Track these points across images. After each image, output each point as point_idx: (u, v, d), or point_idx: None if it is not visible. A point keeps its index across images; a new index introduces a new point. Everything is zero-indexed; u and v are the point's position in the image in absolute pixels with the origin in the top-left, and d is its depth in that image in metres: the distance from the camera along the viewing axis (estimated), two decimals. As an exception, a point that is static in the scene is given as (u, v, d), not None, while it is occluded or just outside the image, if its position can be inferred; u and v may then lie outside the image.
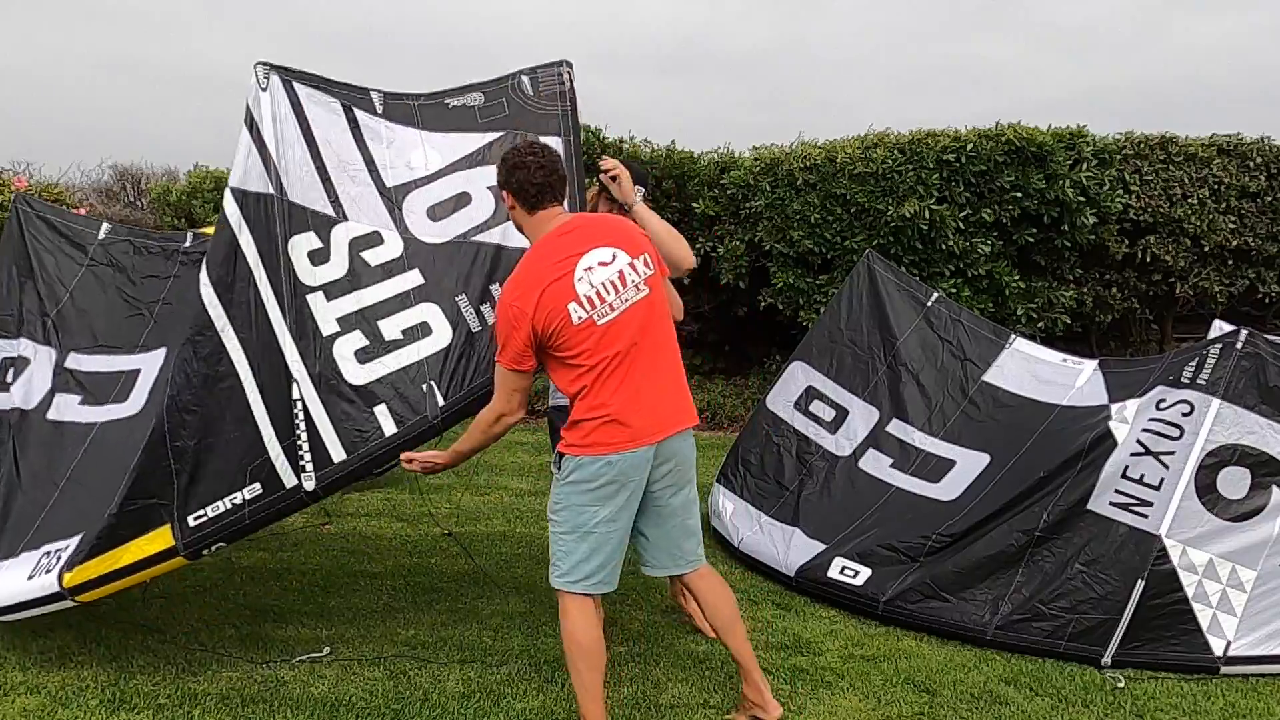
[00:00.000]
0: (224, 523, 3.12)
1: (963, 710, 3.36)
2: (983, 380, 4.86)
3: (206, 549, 3.14)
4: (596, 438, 2.85)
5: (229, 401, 3.17)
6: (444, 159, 3.52)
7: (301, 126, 3.43)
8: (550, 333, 2.79)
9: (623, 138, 8.37)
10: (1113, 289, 7.94)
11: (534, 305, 2.77)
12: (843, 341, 5.11)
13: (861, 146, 7.35)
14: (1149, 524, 3.79)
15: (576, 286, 2.79)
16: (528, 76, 3.65)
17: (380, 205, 3.45)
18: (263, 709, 3.25)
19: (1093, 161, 7.29)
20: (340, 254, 3.34)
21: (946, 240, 7.14)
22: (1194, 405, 3.97)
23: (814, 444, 4.93)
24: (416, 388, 3.22)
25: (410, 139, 3.54)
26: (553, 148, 3.00)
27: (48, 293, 4.15)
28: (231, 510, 3.11)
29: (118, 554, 3.15)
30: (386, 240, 3.40)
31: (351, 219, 3.40)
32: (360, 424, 3.17)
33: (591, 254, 2.83)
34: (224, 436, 3.15)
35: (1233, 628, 3.65)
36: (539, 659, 3.65)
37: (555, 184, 2.92)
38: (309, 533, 5.10)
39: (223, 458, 3.14)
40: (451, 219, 3.45)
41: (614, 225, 2.98)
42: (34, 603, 3.26)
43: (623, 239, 2.90)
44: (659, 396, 2.90)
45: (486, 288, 3.34)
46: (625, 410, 2.83)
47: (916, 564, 4.13)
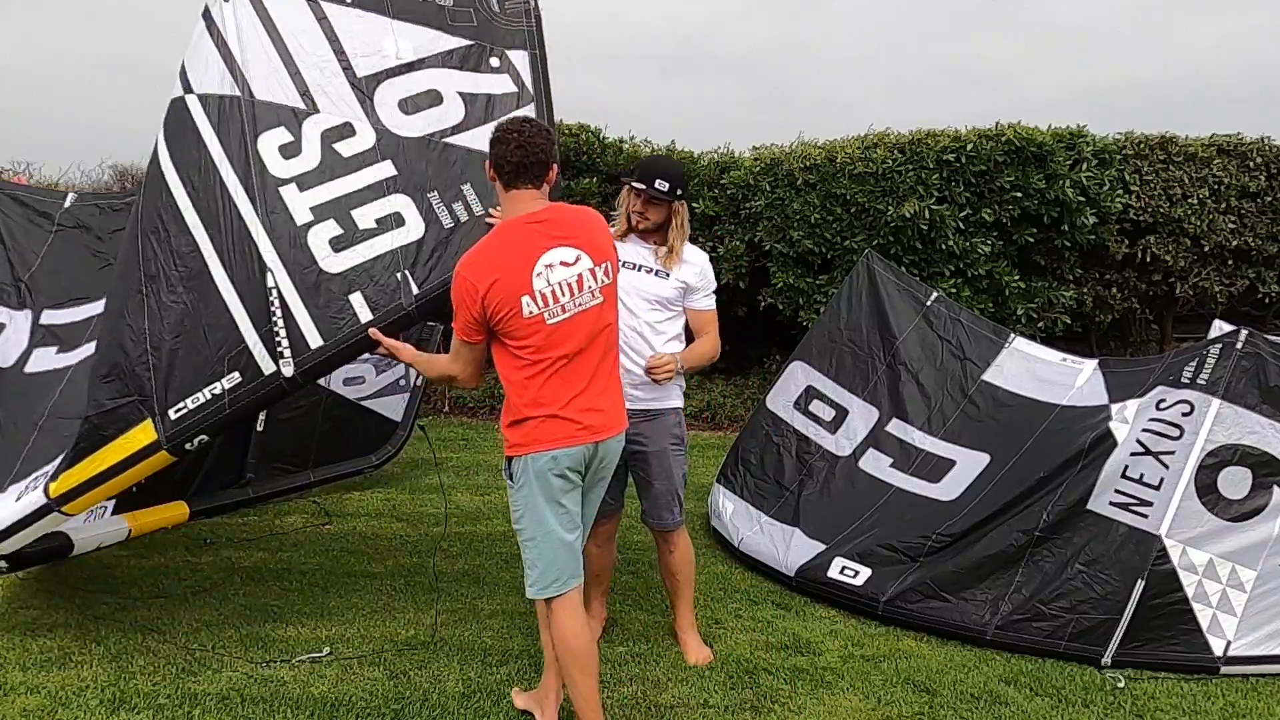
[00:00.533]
0: (205, 413, 3.12)
1: (963, 710, 3.36)
2: (982, 380, 4.86)
3: (189, 441, 3.13)
4: (540, 434, 2.86)
5: (204, 296, 3.19)
6: (415, 51, 3.54)
7: (265, 23, 3.45)
8: (499, 318, 2.80)
9: (623, 138, 8.37)
10: (1113, 289, 7.94)
11: (487, 287, 2.77)
12: (842, 341, 5.11)
13: (861, 146, 7.35)
14: (1149, 524, 3.79)
15: (534, 281, 2.78)
16: None
17: (351, 96, 3.45)
18: (263, 709, 3.25)
19: (1093, 161, 7.29)
20: (312, 146, 3.35)
21: (946, 240, 7.14)
22: (1194, 405, 3.96)
23: (814, 444, 4.94)
24: (391, 275, 3.22)
25: (380, 25, 3.56)
26: (545, 128, 2.93)
27: (19, 260, 4.24)
28: (212, 400, 3.12)
29: (102, 455, 3.15)
30: (359, 131, 3.41)
31: (323, 110, 3.41)
32: (336, 311, 3.18)
33: (555, 252, 2.82)
34: (201, 330, 3.17)
35: (1233, 628, 3.65)
36: (539, 659, 3.65)
37: (532, 167, 2.86)
38: (309, 533, 5.10)
39: (201, 350, 3.16)
40: (423, 115, 3.47)
41: (584, 226, 2.94)
42: (24, 522, 3.24)
43: (589, 242, 2.89)
44: (600, 399, 2.92)
45: (459, 188, 3.35)
46: (569, 408, 2.85)
47: (916, 564, 4.13)
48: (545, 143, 2.88)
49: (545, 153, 2.88)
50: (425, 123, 3.45)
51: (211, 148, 3.30)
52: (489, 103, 3.52)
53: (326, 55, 3.48)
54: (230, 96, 3.35)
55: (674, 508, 3.68)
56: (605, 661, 3.65)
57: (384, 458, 5.84)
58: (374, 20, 3.56)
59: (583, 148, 8.11)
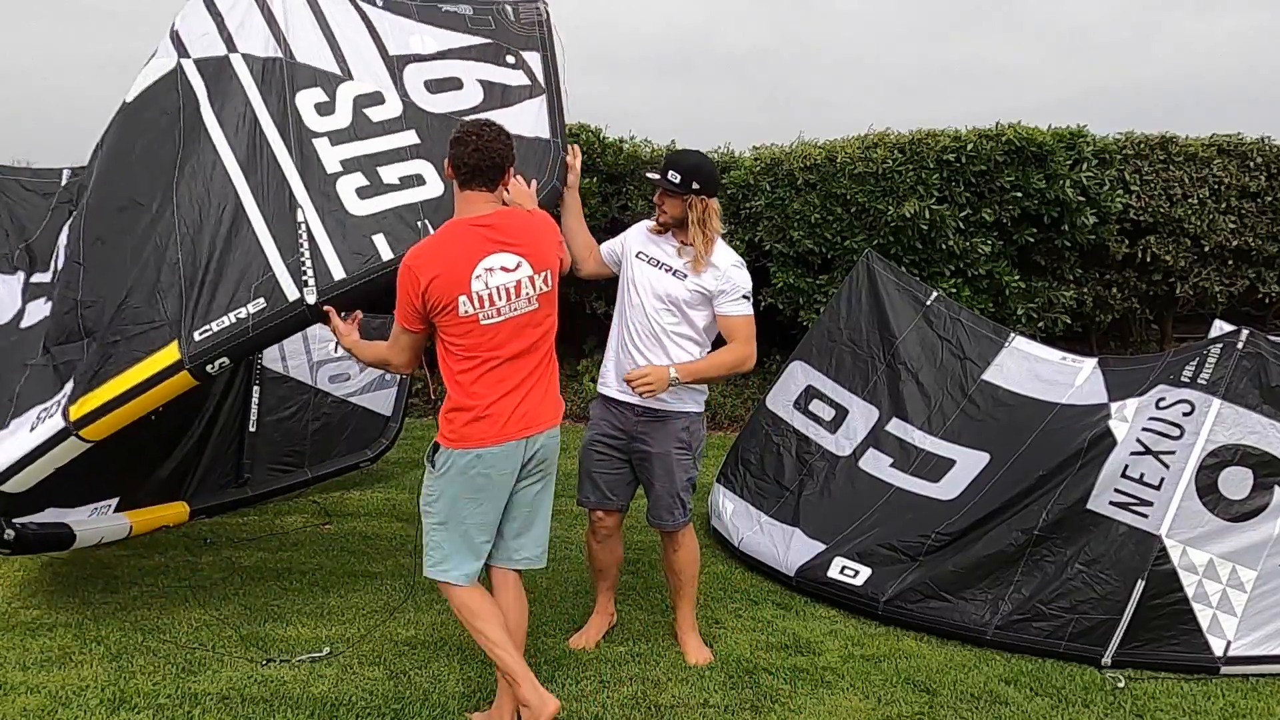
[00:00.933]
0: (227, 335, 3.27)
1: (963, 710, 3.36)
2: (982, 379, 4.86)
3: (210, 364, 3.26)
4: (467, 432, 2.94)
5: (236, 230, 3.40)
6: (439, 45, 3.88)
7: (311, 4, 3.85)
8: (436, 313, 2.91)
9: (623, 137, 8.37)
10: (1113, 289, 7.94)
11: (428, 282, 2.87)
12: (842, 341, 5.11)
13: (861, 146, 7.35)
14: (1149, 524, 3.79)
15: (472, 283, 2.88)
16: (510, 6, 4.10)
17: (383, 68, 3.77)
18: (263, 709, 3.25)
19: (1093, 161, 7.29)
20: (345, 108, 3.64)
21: (946, 240, 7.14)
22: (1194, 405, 3.96)
23: (814, 444, 4.93)
24: (411, 224, 3.43)
25: (407, 25, 3.93)
26: (505, 133, 3.02)
27: (15, 230, 4.34)
28: (236, 324, 3.28)
29: (123, 378, 3.27)
30: (388, 100, 3.69)
31: (356, 78, 3.71)
32: (359, 248, 3.36)
33: (497, 256, 2.91)
34: (231, 260, 3.38)
35: (1233, 628, 3.65)
36: (539, 659, 3.65)
37: (488, 170, 2.95)
38: (309, 533, 5.10)
39: (230, 278, 3.35)
40: (445, 95, 3.76)
41: (530, 232, 3.02)
42: (41, 449, 3.32)
43: (532, 250, 2.97)
44: (530, 398, 3.01)
45: None
46: (496, 408, 2.94)
47: (916, 563, 4.13)
48: (503, 147, 2.98)
49: (502, 157, 2.97)
50: (447, 102, 3.73)
51: (253, 99, 3.57)
52: (504, 91, 3.81)
53: (363, 34, 3.82)
54: (273, 58, 3.67)
55: (674, 510, 3.66)
56: (605, 661, 3.65)
57: (378, 451, 5.85)
58: (402, 20, 3.93)
59: (583, 147, 8.10)
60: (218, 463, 5.21)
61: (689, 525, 3.75)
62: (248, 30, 3.72)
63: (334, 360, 5.65)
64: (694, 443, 3.65)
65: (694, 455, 3.67)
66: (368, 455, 5.79)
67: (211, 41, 3.70)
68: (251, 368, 5.40)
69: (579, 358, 8.70)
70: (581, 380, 8.47)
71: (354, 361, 5.50)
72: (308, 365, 5.63)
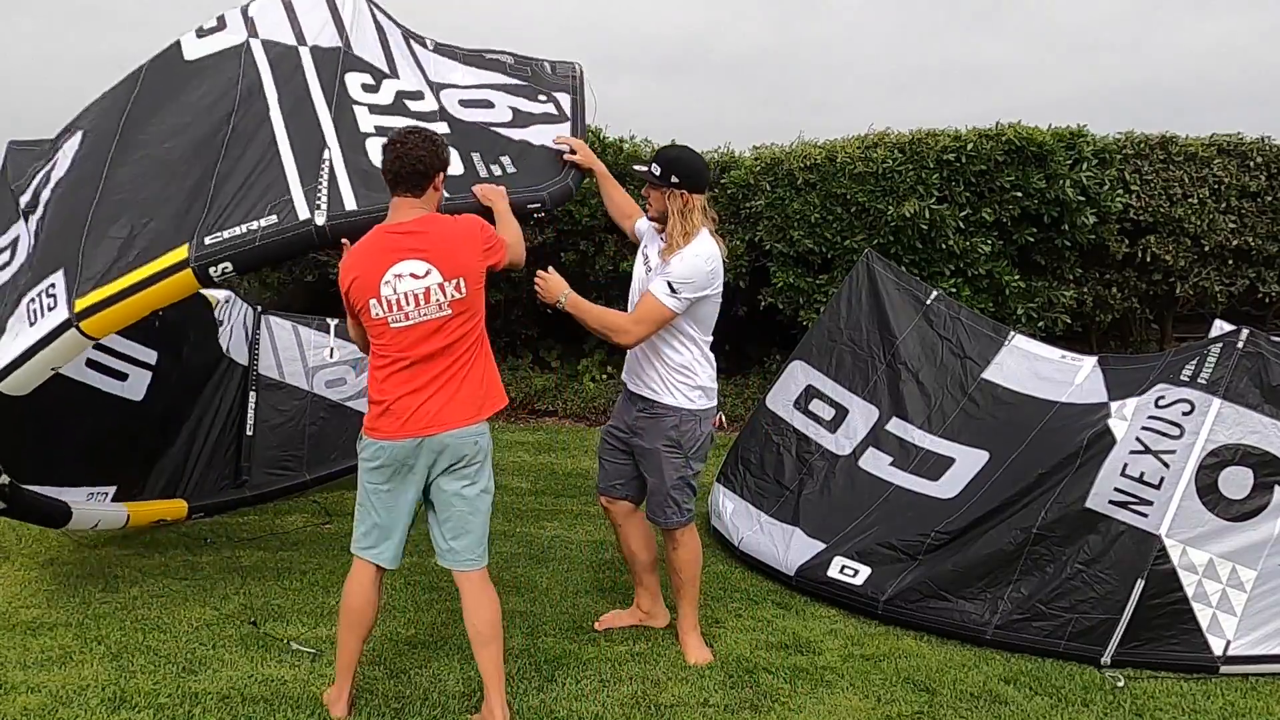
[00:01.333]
0: (235, 243, 3.43)
1: (963, 710, 3.36)
2: (982, 378, 4.85)
3: (214, 266, 3.42)
4: (376, 424, 3.11)
5: (266, 160, 3.64)
6: (477, 80, 4.30)
7: (373, 18, 4.24)
8: (355, 312, 3.11)
9: (623, 137, 8.37)
10: (1113, 288, 7.93)
11: (349, 282, 3.07)
12: (842, 340, 5.11)
13: (861, 146, 7.35)
14: (1149, 523, 3.78)
15: (381, 288, 3.00)
16: (548, 64, 4.55)
17: (424, 82, 4.14)
18: (263, 708, 3.25)
19: (1093, 161, 7.28)
20: (388, 93, 3.97)
21: (946, 240, 7.14)
22: (1194, 404, 3.96)
23: (814, 443, 4.93)
24: None
25: (451, 65, 4.38)
26: (432, 140, 3.13)
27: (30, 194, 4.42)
28: (245, 234, 3.45)
29: (130, 276, 3.45)
30: (425, 98, 4.03)
31: (401, 78, 4.06)
32: (375, 188, 3.48)
33: (406, 264, 3.00)
34: (255, 184, 3.59)
35: (1232, 627, 3.65)
36: (539, 659, 3.65)
37: (410, 176, 3.06)
38: (309, 533, 5.10)
39: (250, 196, 3.55)
40: (476, 110, 4.10)
41: (446, 240, 3.05)
42: (43, 342, 3.45)
43: (445, 258, 3.02)
44: (435, 399, 3.07)
45: (499, 156, 3.88)
46: (402, 404, 3.06)
47: (916, 562, 4.13)
48: (426, 154, 3.06)
49: (424, 164, 3.06)
50: (478, 115, 4.08)
51: (308, 73, 3.91)
52: (530, 116, 4.15)
53: (409, 58, 4.22)
54: (334, 48, 4.01)
55: (666, 508, 3.65)
56: (605, 661, 3.65)
57: None
58: (447, 61, 4.39)
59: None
60: (216, 464, 5.27)
61: (689, 525, 3.73)
62: (316, 27, 4.07)
63: (329, 365, 5.74)
64: (684, 442, 3.59)
65: (686, 455, 3.61)
66: None
67: (283, 31, 4.06)
68: (248, 374, 5.51)
69: (579, 358, 8.70)
70: (581, 380, 8.48)
71: (349, 366, 5.71)
72: (304, 371, 5.71)
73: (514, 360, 8.68)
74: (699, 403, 3.61)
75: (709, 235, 3.54)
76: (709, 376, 3.64)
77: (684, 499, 3.67)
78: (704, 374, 3.61)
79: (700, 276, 3.44)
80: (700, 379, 3.60)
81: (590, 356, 8.70)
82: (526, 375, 8.42)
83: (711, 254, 3.49)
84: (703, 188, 3.56)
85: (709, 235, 3.54)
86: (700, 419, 3.62)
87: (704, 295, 3.48)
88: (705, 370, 3.62)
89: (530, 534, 5.16)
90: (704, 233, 3.52)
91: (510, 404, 8.12)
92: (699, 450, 3.65)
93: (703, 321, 3.58)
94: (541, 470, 6.49)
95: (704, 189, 3.57)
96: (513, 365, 8.59)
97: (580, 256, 7.87)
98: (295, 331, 5.82)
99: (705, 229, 3.54)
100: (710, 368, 3.65)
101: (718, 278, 3.51)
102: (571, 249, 7.87)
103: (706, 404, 3.63)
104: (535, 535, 5.13)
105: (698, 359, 3.59)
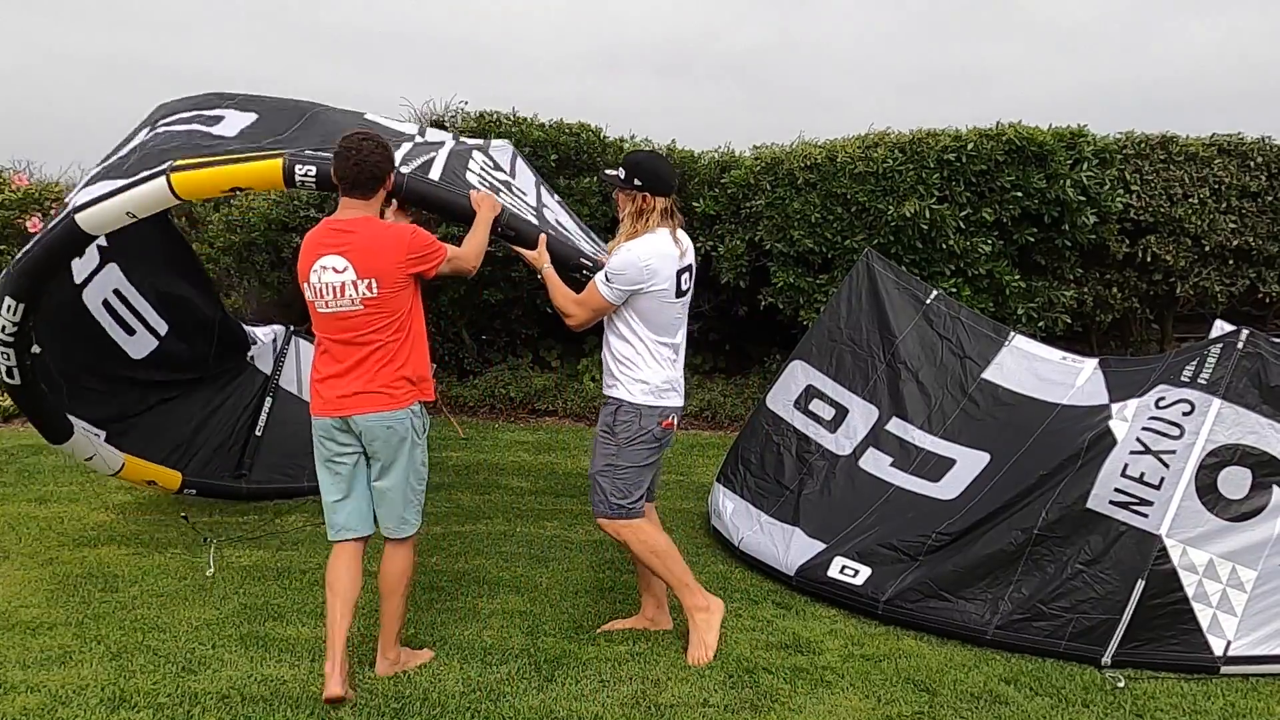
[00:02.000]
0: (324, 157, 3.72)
1: (963, 710, 3.36)
2: (982, 378, 4.85)
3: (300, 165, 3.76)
4: (312, 401, 3.47)
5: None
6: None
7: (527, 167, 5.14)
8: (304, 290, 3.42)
9: (623, 137, 8.37)
10: (1113, 289, 7.93)
11: (299, 262, 3.39)
12: (842, 340, 5.10)
13: (862, 146, 7.34)
14: (1149, 523, 3.78)
15: (310, 274, 3.34)
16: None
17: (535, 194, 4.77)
18: (262, 708, 3.25)
19: (1093, 161, 7.28)
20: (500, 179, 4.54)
21: (947, 240, 7.14)
22: (1194, 405, 3.96)
23: (814, 443, 4.93)
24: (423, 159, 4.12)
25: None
26: (382, 148, 3.40)
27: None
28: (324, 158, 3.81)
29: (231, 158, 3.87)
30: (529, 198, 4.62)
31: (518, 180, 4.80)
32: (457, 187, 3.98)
33: (330, 258, 3.31)
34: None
35: (1233, 627, 3.65)
36: (539, 658, 3.65)
37: (366, 182, 3.36)
38: (309, 533, 5.10)
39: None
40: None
41: (369, 242, 3.30)
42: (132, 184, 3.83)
43: (363, 259, 3.29)
44: (350, 383, 3.37)
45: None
46: (326, 384, 3.40)
47: (916, 563, 4.13)
48: (380, 160, 3.38)
49: (379, 169, 3.38)
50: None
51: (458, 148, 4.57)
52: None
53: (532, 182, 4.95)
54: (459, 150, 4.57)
55: (594, 494, 3.71)
56: (605, 661, 3.65)
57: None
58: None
59: (583, 147, 8.11)
60: (221, 454, 5.48)
61: (616, 521, 3.67)
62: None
63: None
64: (619, 431, 3.62)
65: (618, 444, 3.62)
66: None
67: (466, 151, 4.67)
68: (268, 382, 5.81)
69: (579, 357, 8.70)
70: (581, 380, 8.47)
71: None
72: None
73: (514, 360, 8.68)
74: (641, 398, 3.62)
75: (665, 236, 3.61)
76: (660, 377, 3.64)
77: (612, 490, 3.64)
78: (650, 371, 3.62)
79: (632, 270, 3.53)
80: (644, 373, 3.62)
81: (590, 356, 8.70)
82: (526, 375, 8.42)
83: (651, 252, 3.56)
84: (665, 191, 3.63)
85: (665, 236, 3.61)
86: (641, 414, 3.62)
87: (636, 288, 3.54)
88: (652, 368, 3.63)
89: (530, 534, 5.16)
90: (658, 233, 3.60)
91: (510, 404, 8.16)
92: (634, 445, 3.63)
93: (647, 318, 3.61)
94: (541, 470, 6.49)
95: (667, 193, 3.64)
96: (513, 365, 8.59)
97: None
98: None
99: (664, 230, 3.62)
100: (661, 369, 3.65)
101: (656, 275, 3.55)
102: (571, 249, 7.85)
103: (653, 401, 3.63)
104: (535, 535, 5.13)
105: (642, 355, 3.63)
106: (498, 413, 8.17)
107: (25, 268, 3.99)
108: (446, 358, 8.67)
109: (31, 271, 4.00)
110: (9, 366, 4.19)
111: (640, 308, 3.60)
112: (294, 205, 8.25)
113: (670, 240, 3.62)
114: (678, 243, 3.64)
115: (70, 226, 3.89)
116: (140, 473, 4.93)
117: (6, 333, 4.06)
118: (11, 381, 4.25)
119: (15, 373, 4.21)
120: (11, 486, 5.88)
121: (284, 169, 3.77)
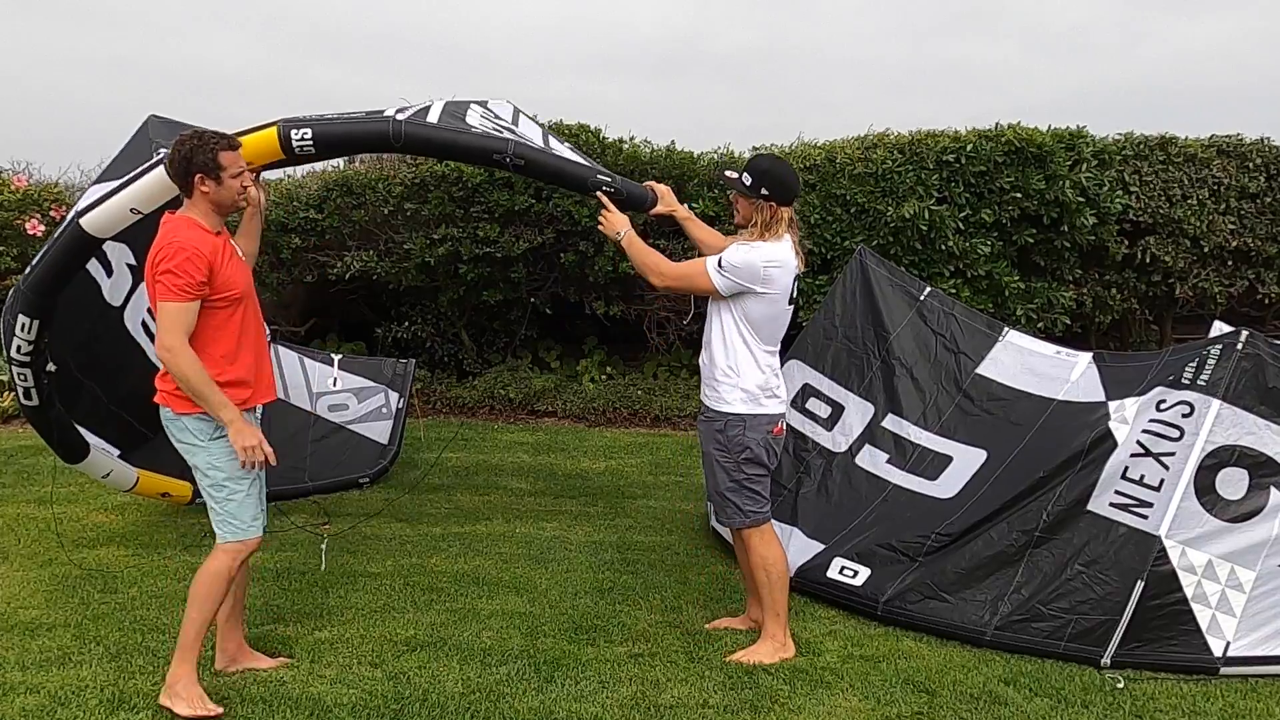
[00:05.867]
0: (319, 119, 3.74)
1: (963, 710, 3.36)
2: (976, 373, 4.84)
3: (296, 130, 3.68)
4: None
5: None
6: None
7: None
8: None
9: (622, 138, 8.36)
10: (1112, 289, 7.94)
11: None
12: (837, 338, 5.09)
13: (861, 147, 7.36)
14: (1149, 524, 3.79)
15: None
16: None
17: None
18: (262, 709, 3.25)
19: (1092, 162, 7.29)
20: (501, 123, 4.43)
21: (946, 240, 7.15)
22: (1194, 406, 3.96)
23: (811, 441, 4.92)
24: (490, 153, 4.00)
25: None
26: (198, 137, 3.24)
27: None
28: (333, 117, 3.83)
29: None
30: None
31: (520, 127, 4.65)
32: (459, 124, 4.00)
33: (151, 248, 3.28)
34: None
35: (1232, 628, 3.65)
36: (539, 659, 3.65)
37: (174, 177, 3.27)
38: (309, 533, 5.10)
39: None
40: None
41: (159, 244, 3.20)
42: (133, 179, 3.70)
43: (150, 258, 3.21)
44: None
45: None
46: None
47: (916, 563, 4.13)
48: (178, 156, 3.22)
49: (194, 164, 3.21)
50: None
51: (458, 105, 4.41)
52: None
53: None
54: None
55: (725, 509, 3.78)
56: (605, 661, 3.65)
57: (375, 470, 6.04)
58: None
59: (583, 148, 8.11)
60: None
61: (755, 528, 3.74)
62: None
63: (332, 393, 6.17)
64: (732, 447, 3.66)
65: (736, 459, 3.67)
66: (367, 473, 5.98)
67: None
68: None
69: (578, 358, 8.70)
70: (581, 381, 8.47)
71: (350, 394, 6.24)
72: (308, 394, 6.08)
73: (513, 360, 8.68)
74: (742, 407, 3.64)
75: (789, 245, 3.63)
76: (758, 383, 3.64)
77: (743, 501, 3.72)
78: (751, 378, 3.63)
79: (750, 268, 3.52)
80: (744, 382, 3.62)
81: (589, 357, 8.70)
82: (526, 376, 8.42)
83: (774, 257, 3.56)
84: (790, 200, 3.64)
85: (789, 245, 3.63)
86: (746, 424, 3.64)
87: (749, 288, 3.54)
88: (754, 375, 3.64)
89: (530, 534, 5.16)
90: (784, 240, 3.61)
91: (510, 404, 8.16)
92: (750, 455, 3.68)
93: (755, 322, 3.62)
94: (541, 470, 6.49)
95: (792, 201, 3.66)
96: (512, 365, 8.58)
97: (579, 257, 7.86)
98: (301, 361, 6.20)
99: (789, 237, 3.64)
100: (763, 376, 3.65)
101: (773, 281, 3.55)
102: (571, 249, 7.86)
103: (756, 410, 3.65)
104: (535, 535, 5.13)
105: (747, 361, 3.63)
106: (497, 413, 8.17)
107: (35, 283, 3.91)
108: (446, 358, 8.67)
109: (41, 287, 3.91)
110: (26, 388, 4.08)
111: (754, 317, 3.60)
112: (293, 206, 8.25)
113: (792, 250, 3.63)
114: (798, 254, 3.66)
115: (75, 232, 3.83)
116: (154, 486, 4.83)
117: (23, 353, 3.95)
118: (30, 403, 4.13)
119: (33, 393, 4.10)
120: (11, 487, 5.88)
121: (279, 135, 3.68)
